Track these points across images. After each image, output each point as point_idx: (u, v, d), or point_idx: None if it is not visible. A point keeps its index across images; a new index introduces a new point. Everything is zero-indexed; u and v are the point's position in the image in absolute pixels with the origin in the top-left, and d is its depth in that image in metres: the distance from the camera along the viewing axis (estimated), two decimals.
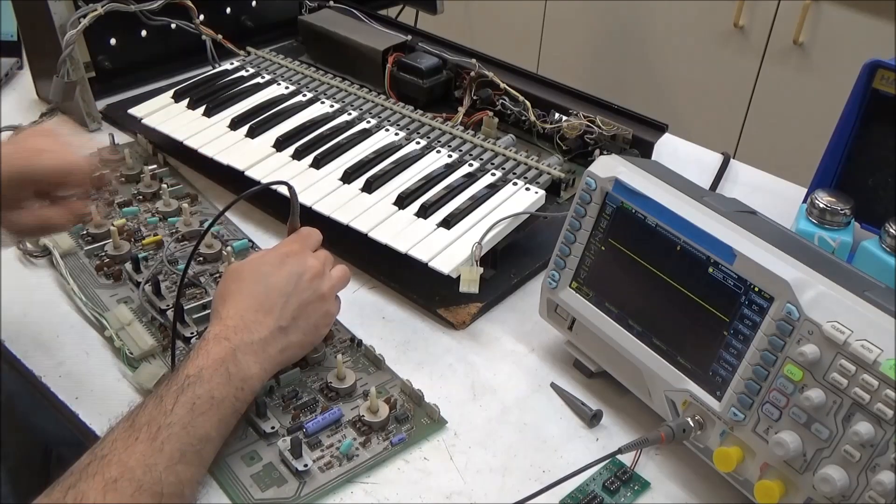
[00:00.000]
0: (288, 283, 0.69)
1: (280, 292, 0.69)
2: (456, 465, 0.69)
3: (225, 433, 0.64)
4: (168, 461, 0.57)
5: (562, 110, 1.04)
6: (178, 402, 0.60)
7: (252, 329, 0.66)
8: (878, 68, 0.87)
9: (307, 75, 1.09)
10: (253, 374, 0.65)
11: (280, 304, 0.68)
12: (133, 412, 0.60)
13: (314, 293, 0.70)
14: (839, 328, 0.56)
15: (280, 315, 0.68)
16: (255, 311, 0.67)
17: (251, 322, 0.67)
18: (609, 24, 2.22)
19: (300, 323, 0.70)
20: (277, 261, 0.71)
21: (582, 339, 0.75)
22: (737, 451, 0.62)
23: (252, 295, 0.68)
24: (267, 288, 0.69)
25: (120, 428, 0.59)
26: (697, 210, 0.66)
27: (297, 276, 0.70)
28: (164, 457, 0.57)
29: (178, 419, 0.59)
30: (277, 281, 0.69)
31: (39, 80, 1.13)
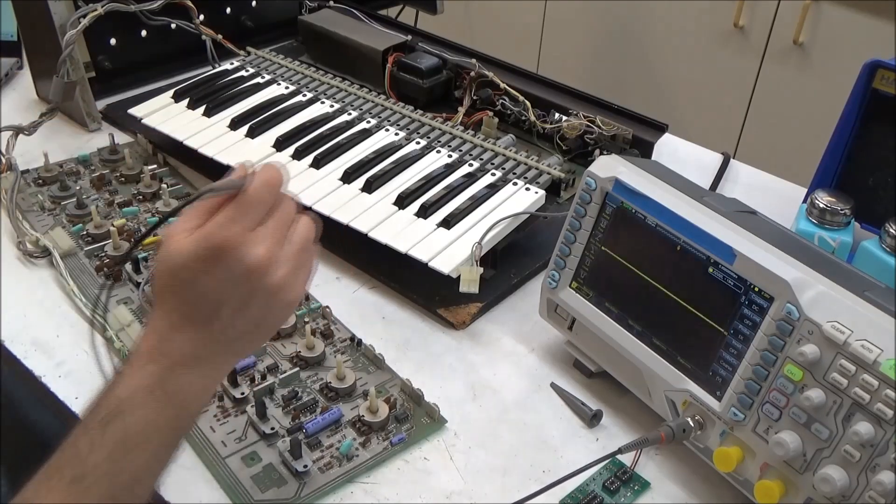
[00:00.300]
0: (226, 289, 0.53)
1: (217, 301, 0.54)
2: (456, 465, 0.69)
3: (167, 461, 0.54)
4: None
5: (562, 110, 1.04)
6: (106, 435, 0.50)
7: (190, 341, 0.54)
8: (878, 68, 0.87)
9: (307, 75, 1.09)
10: (193, 392, 0.54)
11: (220, 314, 0.54)
12: (58, 449, 0.50)
13: (262, 292, 0.54)
14: (839, 328, 0.56)
15: (222, 325, 0.54)
16: (192, 323, 0.54)
17: (189, 332, 0.54)
18: (609, 24, 2.22)
19: (248, 324, 0.56)
20: (210, 256, 0.53)
21: (582, 339, 0.75)
22: (737, 451, 0.62)
23: (184, 302, 0.54)
24: (199, 296, 0.53)
25: (40, 472, 0.49)
26: (697, 210, 0.66)
27: (238, 277, 0.53)
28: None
29: (103, 458, 0.49)
30: (211, 287, 0.53)
31: (39, 80, 1.13)
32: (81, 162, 1.00)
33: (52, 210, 0.92)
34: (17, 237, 0.88)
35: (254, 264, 0.53)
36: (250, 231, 0.54)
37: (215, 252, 0.53)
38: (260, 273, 0.54)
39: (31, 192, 0.95)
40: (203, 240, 0.53)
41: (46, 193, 0.94)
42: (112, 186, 0.97)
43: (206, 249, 0.53)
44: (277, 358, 0.76)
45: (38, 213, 0.92)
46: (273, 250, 0.55)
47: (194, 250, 0.53)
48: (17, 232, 0.88)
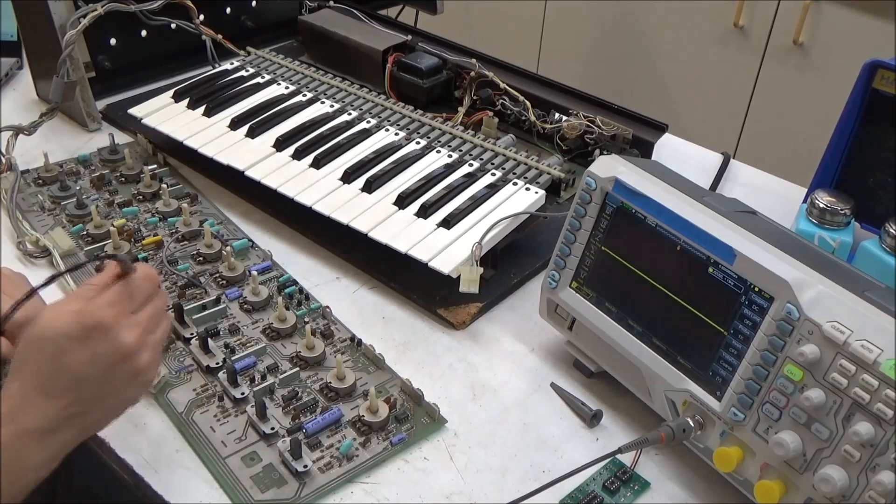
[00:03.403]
0: (89, 367, 0.55)
1: (77, 376, 0.55)
2: (456, 465, 0.69)
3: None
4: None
5: (562, 110, 1.04)
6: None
7: (43, 412, 0.54)
8: (878, 68, 0.87)
9: (307, 75, 1.09)
10: (34, 463, 0.55)
11: (76, 389, 0.55)
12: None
13: (125, 374, 0.57)
14: (839, 328, 0.56)
15: (75, 400, 0.55)
16: (46, 394, 0.55)
17: (41, 405, 0.54)
18: (609, 24, 2.22)
19: (105, 404, 0.58)
20: (81, 334, 0.55)
21: (582, 339, 0.75)
22: (737, 451, 0.62)
23: (43, 372, 0.55)
24: (61, 369, 0.55)
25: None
26: (697, 210, 0.66)
27: (103, 358, 0.56)
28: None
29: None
30: (75, 363, 0.55)
31: (39, 80, 1.13)
32: (81, 162, 1.00)
33: (52, 210, 0.92)
34: (17, 237, 0.88)
35: (123, 348, 0.56)
36: (129, 314, 0.58)
37: (88, 331, 0.55)
38: (126, 356, 0.57)
39: (31, 192, 0.95)
40: (79, 316, 0.55)
41: (46, 193, 0.94)
42: (112, 186, 0.97)
43: (81, 327, 0.55)
44: (277, 358, 0.76)
45: (38, 213, 0.92)
46: (143, 337, 0.58)
47: (69, 325, 0.55)
48: (17, 232, 0.88)
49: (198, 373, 0.74)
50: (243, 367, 0.74)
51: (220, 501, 0.64)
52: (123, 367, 0.57)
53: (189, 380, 0.73)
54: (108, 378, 0.57)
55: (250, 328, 0.79)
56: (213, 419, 0.70)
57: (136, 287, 0.59)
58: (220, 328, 0.79)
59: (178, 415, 0.70)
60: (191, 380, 0.73)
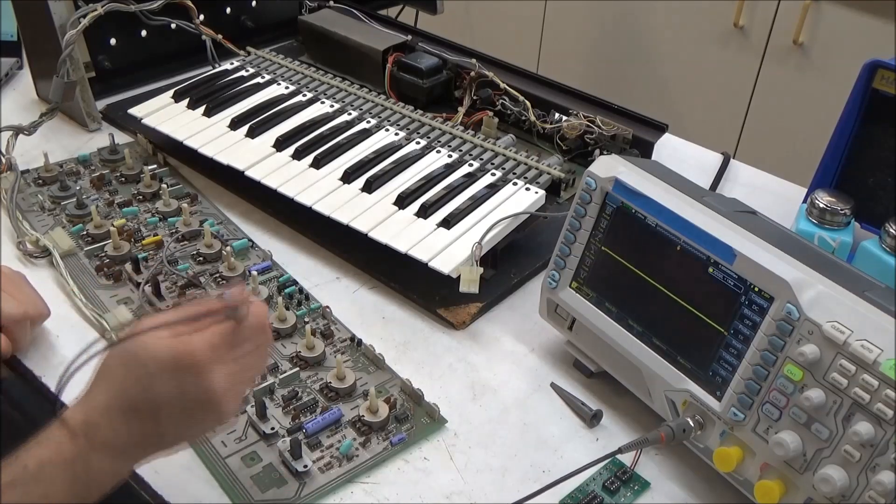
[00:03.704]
0: (175, 400, 0.55)
1: (161, 404, 0.55)
2: (456, 465, 0.69)
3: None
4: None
5: (562, 110, 1.04)
6: (4, 497, 0.50)
7: (118, 432, 0.54)
8: (878, 68, 0.87)
9: (307, 75, 1.09)
10: (105, 477, 0.55)
11: (156, 417, 0.55)
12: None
13: (208, 414, 0.57)
14: (839, 328, 0.56)
15: (154, 426, 0.55)
16: (126, 414, 0.55)
17: (118, 424, 0.54)
18: (609, 24, 2.22)
19: (181, 433, 0.58)
20: (172, 367, 0.55)
21: (582, 339, 0.75)
22: (737, 451, 0.62)
23: (128, 395, 0.55)
24: (148, 394, 0.55)
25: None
26: (697, 210, 0.66)
27: (190, 396, 0.55)
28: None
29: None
30: (162, 392, 0.55)
31: (39, 80, 1.13)
32: (81, 162, 1.00)
33: (52, 210, 0.92)
34: (17, 237, 0.88)
35: (211, 391, 0.55)
36: (227, 357, 0.57)
37: (182, 366, 0.54)
38: (211, 401, 0.56)
39: (31, 192, 0.95)
40: (176, 348, 0.55)
41: (46, 193, 0.94)
42: (112, 186, 0.97)
43: (175, 360, 0.54)
44: (277, 358, 0.76)
45: (38, 213, 0.92)
46: (233, 383, 0.57)
47: (163, 354, 0.54)
48: (17, 232, 0.88)
49: None
50: None
51: (220, 501, 0.64)
52: (206, 409, 0.56)
53: None
54: (189, 414, 0.56)
55: None
56: None
57: (243, 335, 0.58)
58: None
59: None
60: None
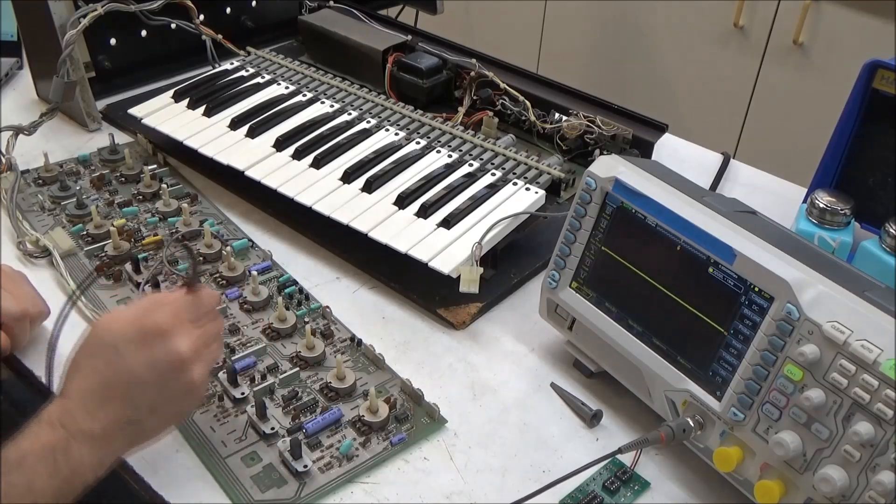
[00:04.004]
0: (145, 371, 0.57)
1: (134, 381, 0.57)
2: (456, 465, 0.69)
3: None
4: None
5: (562, 110, 1.04)
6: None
7: (94, 417, 0.56)
8: (878, 68, 0.87)
9: (307, 75, 1.09)
10: (86, 466, 0.56)
11: (131, 394, 0.57)
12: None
13: (179, 382, 0.58)
14: (839, 328, 0.56)
15: (129, 406, 0.57)
16: (102, 397, 0.56)
17: (94, 408, 0.56)
18: (609, 24, 2.22)
19: (157, 413, 0.59)
20: (139, 339, 0.57)
21: (582, 339, 0.75)
22: (737, 451, 0.62)
23: (101, 376, 0.56)
24: (119, 372, 0.56)
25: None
26: (697, 210, 0.66)
27: (159, 363, 0.57)
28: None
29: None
30: (133, 366, 0.56)
31: (39, 80, 1.13)
32: (81, 162, 1.00)
33: (52, 210, 0.92)
34: (17, 237, 0.88)
35: (179, 354, 0.58)
36: (188, 323, 0.59)
37: (146, 335, 0.57)
38: (183, 363, 0.58)
39: (31, 192, 0.95)
40: (138, 321, 0.57)
41: (46, 193, 0.94)
42: (112, 186, 0.97)
43: (140, 330, 0.57)
44: (277, 358, 0.76)
45: (38, 213, 0.92)
46: (198, 349, 0.59)
47: (128, 329, 0.57)
48: (17, 232, 0.88)
49: None
50: (243, 367, 0.74)
51: (220, 501, 0.64)
52: (177, 376, 0.58)
53: None
54: (162, 385, 0.58)
55: (250, 328, 0.79)
56: (213, 419, 0.70)
57: (200, 301, 0.61)
58: None
59: None
60: None
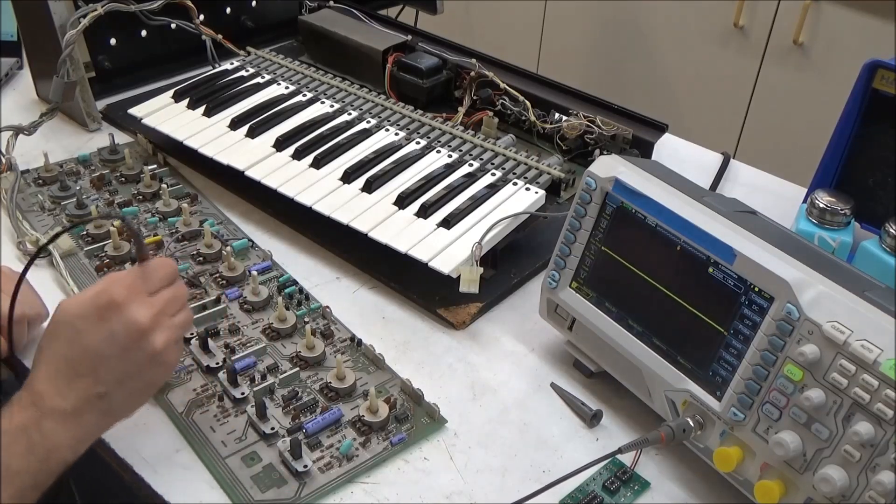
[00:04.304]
0: (106, 345, 0.58)
1: (96, 355, 0.58)
2: (456, 465, 0.69)
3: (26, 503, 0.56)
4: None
5: (562, 110, 1.04)
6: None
7: (63, 395, 0.57)
8: (878, 68, 0.87)
9: (307, 75, 1.09)
10: (61, 444, 0.57)
11: (96, 370, 0.58)
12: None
13: (142, 353, 0.59)
14: (839, 328, 0.56)
15: (96, 381, 0.58)
16: (67, 376, 0.57)
17: (62, 386, 0.57)
18: (609, 24, 2.22)
19: (126, 386, 0.59)
20: (96, 315, 0.58)
21: (582, 339, 0.75)
22: (737, 451, 0.62)
23: (64, 356, 0.58)
24: (80, 349, 0.58)
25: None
26: (697, 210, 0.66)
27: (119, 335, 0.58)
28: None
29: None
30: (92, 342, 0.58)
31: (39, 80, 1.13)
32: (81, 162, 1.00)
33: (52, 210, 0.92)
34: (17, 237, 0.88)
35: (137, 324, 0.58)
36: (143, 294, 0.60)
37: (101, 310, 0.58)
38: (142, 332, 0.59)
39: (31, 192, 0.95)
40: (94, 298, 0.58)
41: (46, 193, 0.94)
42: (112, 186, 0.97)
43: (96, 306, 0.58)
44: (277, 358, 0.76)
45: (38, 213, 0.92)
46: (158, 317, 0.60)
47: (83, 306, 0.58)
48: (17, 232, 0.88)
49: (198, 373, 0.74)
50: (243, 367, 0.74)
51: (220, 501, 0.64)
52: (139, 346, 0.59)
53: (189, 380, 0.73)
54: (125, 357, 0.58)
55: (250, 328, 0.79)
56: (213, 419, 0.70)
57: (151, 270, 0.61)
58: (220, 328, 0.79)
59: (178, 415, 0.70)
60: (191, 380, 0.73)
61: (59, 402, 0.57)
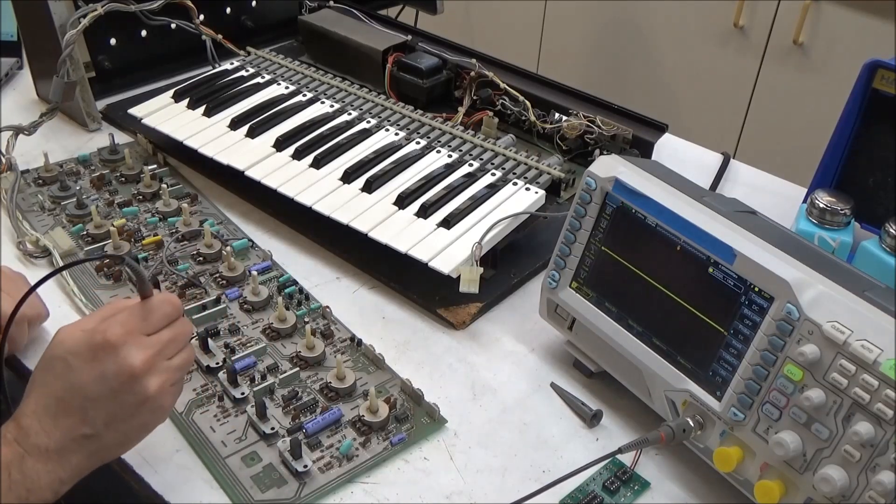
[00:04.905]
0: (96, 386, 0.56)
1: (85, 395, 0.56)
2: (456, 465, 0.69)
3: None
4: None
5: (562, 110, 1.04)
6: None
7: (49, 432, 0.55)
8: (878, 68, 0.87)
9: (307, 75, 1.09)
10: (42, 485, 0.55)
11: (85, 409, 0.56)
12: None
13: (134, 396, 0.57)
14: (839, 328, 0.56)
15: (84, 421, 0.56)
16: (55, 414, 0.56)
17: (48, 424, 0.55)
18: (609, 24, 2.22)
19: (116, 428, 0.57)
20: (89, 354, 0.56)
21: (582, 339, 0.75)
22: (737, 451, 0.62)
23: (53, 391, 0.56)
24: (70, 388, 0.56)
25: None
26: (697, 210, 0.66)
27: (109, 378, 0.56)
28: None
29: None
30: (83, 381, 0.56)
31: (39, 80, 1.13)
32: (81, 162, 1.00)
33: (52, 210, 0.92)
34: (17, 237, 0.88)
35: (130, 368, 0.56)
36: (140, 335, 0.57)
37: (95, 350, 0.56)
38: (134, 377, 0.56)
39: (31, 192, 0.95)
40: (89, 335, 0.56)
41: (46, 193, 0.94)
42: (112, 186, 0.97)
43: (90, 344, 0.56)
44: (277, 358, 0.76)
45: (38, 213, 0.92)
46: (153, 360, 0.58)
47: (77, 343, 0.56)
48: (17, 232, 0.88)
49: (198, 373, 0.74)
50: (243, 367, 0.74)
51: (220, 501, 0.64)
52: (131, 389, 0.57)
53: (189, 380, 0.73)
54: (115, 400, 0.56)
55: (250, 328, 0.79)
56: (213, 419, 0.70)
57: (152, 309, 0.59)
58: (220, 328, 0.79)
59: (178, 415, 0.70)
60: (191, 380, 0.73)
61: (44, 440, 0.55)
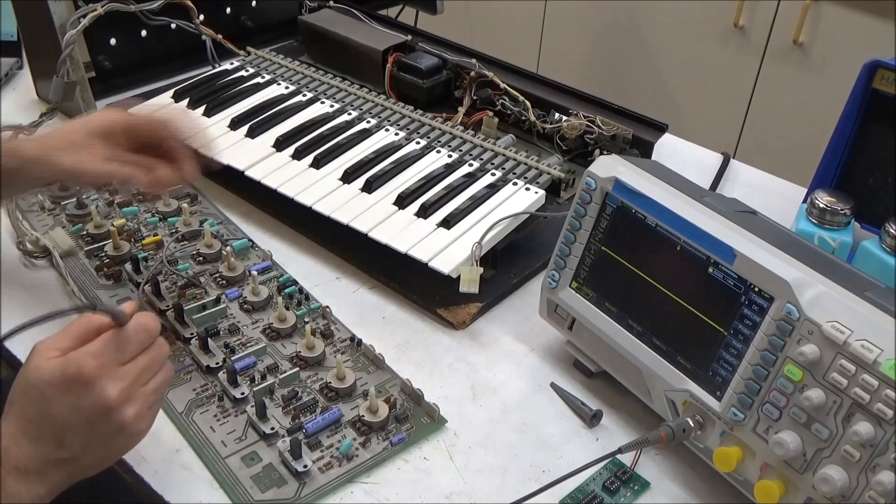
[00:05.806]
0: (71, 417, 0.56)
1: (62, 424, 0.56)
2: (456, 465, 0.69)
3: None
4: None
5: (562, 110, 1.04)
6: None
7: (27, 455, 0.56)
8: (878, 68, 0.87)
9: (307, 75, 1.09)
10: (23, 501, 0.55)
11: (60, 437, 0.56)
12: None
13: (110, 425, 0.57)
14: (839, 328, 0.56)
15: (60, 446, 0.56)
16: (33, 437, 0.56)
17: (26, 447, 0.56)
18: (609, 24, 2.22)
19: (93, 452, 0.58)
20: (63, 386, 0.55)
21: (582, 339, 0.75)
22: (737, 451, 0.62)
23: (28, 417, 0.56)
24: (46, 416, 0.56)
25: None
26: (697, 210, 0.66)
27: (84, 410, 0.56)
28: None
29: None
30: (58, 412, 0.56)
31: (39, 80, 1.13)
32: None
33: (52, 210, 0.92)
34: (17, 237, 0.88)
35: (106, 401, 0.56)
36: (115, 366, 0.57)
37: (71, 381, 0.55)
38: (109, 409, 0.56)
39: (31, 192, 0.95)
40: (64, 366, 0.56)
41: (46, 193, 0.94)
42: (112, 186, 0.97)
43: (64, 376, 0.55)
44: (277, 358, 0.76)
45: (38, 213, 0.92)
46: (128, 389, 0.57)
47: (52, 374, 0.55)
48: (17, 232, 0.88)
49: (197, 373, 0.74)
50: (243, 367, 0.74)
51: (220, 501, 0.64)
52: (107, 419, 0.57)
53: (189, 380, 0.73)
54: (91, 429, 0.57)
55: (250, 328, 0.79)
56: (213, 419, 0.70)
57: (127, 338, 0.58)
58: (220, 328, 0.79)
59: (178, 415, 0.70)
60: (190, 380, 0.73)
61: (23, 462, 0.55)
